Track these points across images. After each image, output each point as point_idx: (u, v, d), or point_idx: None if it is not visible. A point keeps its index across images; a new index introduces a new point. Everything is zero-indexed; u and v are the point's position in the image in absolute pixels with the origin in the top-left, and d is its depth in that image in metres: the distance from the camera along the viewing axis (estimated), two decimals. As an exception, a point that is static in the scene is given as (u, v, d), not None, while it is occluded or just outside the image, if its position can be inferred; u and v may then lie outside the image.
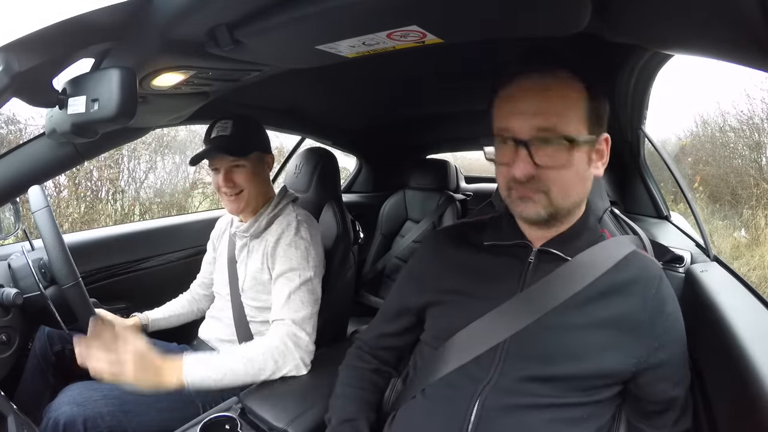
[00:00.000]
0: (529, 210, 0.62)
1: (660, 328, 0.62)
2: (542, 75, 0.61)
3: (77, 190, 3.50)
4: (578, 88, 0.61)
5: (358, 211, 1.97)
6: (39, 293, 0.95)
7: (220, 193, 1.09)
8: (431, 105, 1.71)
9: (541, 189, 0.61)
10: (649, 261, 0.68)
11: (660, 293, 0.64)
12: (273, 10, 0.53)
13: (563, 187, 0.61)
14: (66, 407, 0.84)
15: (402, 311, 0.81)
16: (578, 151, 0.60)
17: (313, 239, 1.07)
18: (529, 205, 0.62)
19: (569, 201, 0.63)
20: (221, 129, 1.07)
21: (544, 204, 0.62)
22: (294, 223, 1.06)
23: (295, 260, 1.01)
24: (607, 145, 0.65)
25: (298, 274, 1.00)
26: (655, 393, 0.64)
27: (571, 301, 0.63)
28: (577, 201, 0.65)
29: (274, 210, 1.10)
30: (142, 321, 1.19)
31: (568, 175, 0.61)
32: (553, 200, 0.61)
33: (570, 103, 0.60)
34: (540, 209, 0.62)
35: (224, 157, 1.05)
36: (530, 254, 0.68)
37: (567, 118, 0.60)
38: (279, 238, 1.04)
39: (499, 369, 0.64)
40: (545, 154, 0.59)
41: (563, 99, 0.60)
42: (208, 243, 1.30)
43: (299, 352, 0.94)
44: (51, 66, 0.56)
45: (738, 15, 0.33)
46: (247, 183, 1.06)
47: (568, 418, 0.61)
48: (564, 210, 0.64)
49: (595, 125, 0.62)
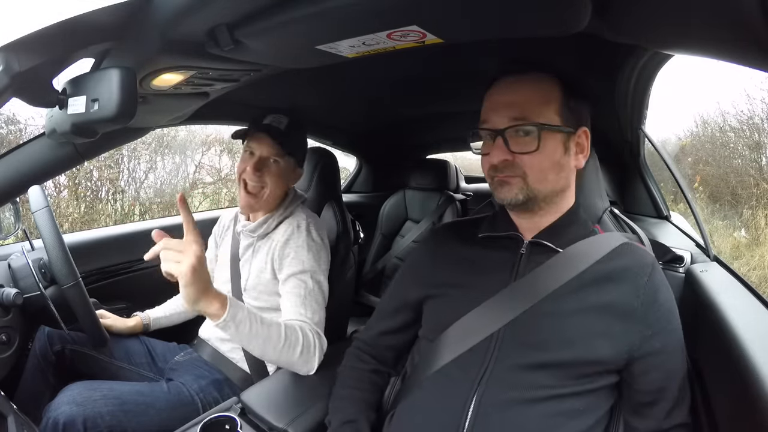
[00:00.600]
0: (506, 193, 0.67)
1: (653, 317, 0.63)
2: (517, 75, 0.68)
3: (77, 190, 3.50)
4: (551, 83, 0.67)
5: (358, 211, 1.97)
6: (39, 293, 0.95)
7: (239, 182, 1.06)
8: (431, 105, 1.71)
9: (518, 173, 0.66)
10: (641, 250, 0.69)
11: (652, 281, 0.65)
12: (273, 10, 0.53)
13: (538, 171, 0.65)
14: (65, 407, 0.84)
15: (400, 307, 0.81)
16: (551, 138, 0.65)
17: (323, 242, 1.07)
18: (505, 188, 0.67)
19: (546, 186, 0.67)
20: (276, 121, 1.05)
21: (520, 186, 0.66)
22: (304, 225, 1.06)
23: (308, 262, 1.01)
24: (587, 139, 0.70)
25: (310, 276, 1.00)
26: (647, 382, 0.64)
27: (564, 288, 0.64)
28: (556, 188, 0.68)
29: (285, 212, 1.09)
30: (144, 320, 1.19)
31: (542, 159, 0.65)
32: (529, 183, 0.66)
33: (542, 95, 0.66)
34: (517, 191, 0.66)
35: (270, 144, 1.03)
36: (522, 246, 0.71)
37: (538, 108, 0.65)
38: (288, 238, 1.04)
39: (494, 359, 0.64)
40: (519, 141, 0.65)
41: (535, 91, 0.67)
42: (209, 239, 1.29)
43: (321, 351, 0.93)
44: (51, 66, 0.56)
45: (738, 15, 0.33)
46: (272, 182, 1.05)
47: (565, 410, 0.62)
48: (541, 194, 0.67)
49: (571, 118, 0.67)
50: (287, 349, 0.87)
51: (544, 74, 0.68)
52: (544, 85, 0.67)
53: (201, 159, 4.26)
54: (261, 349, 0.85)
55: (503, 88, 0.68)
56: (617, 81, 1.04)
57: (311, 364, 0.91)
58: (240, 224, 1.14)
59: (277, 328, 0.86)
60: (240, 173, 1.06)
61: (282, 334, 0.86)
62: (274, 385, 0.91)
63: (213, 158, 4.35)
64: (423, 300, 0.78)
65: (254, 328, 0.83)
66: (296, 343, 0.88)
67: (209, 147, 4.29)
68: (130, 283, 1.40)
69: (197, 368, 1.07)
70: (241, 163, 1.06)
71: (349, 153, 2.33)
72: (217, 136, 4.28)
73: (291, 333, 0.88)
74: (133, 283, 1.41)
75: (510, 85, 0.68)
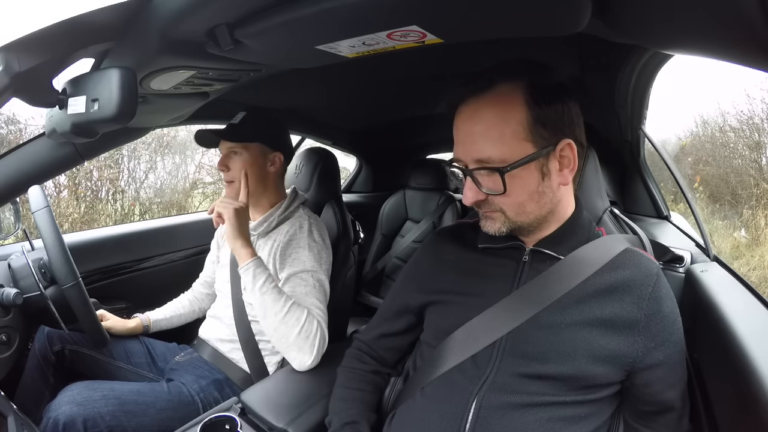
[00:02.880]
0: (489, 227, 0.66)
1: (656, 328, 0.62)
2: (477, 98, 0.61)
3: (77, 190, 3.50)
4: (516, 102, 0.59)
5: (358, 211, 1.98)
6: (39, 293, 0.95)
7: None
8: (432, 105, 1.71)
9: (496, 209, 0.64)
10: (645, 259, 0.67)
11: (656, 292, 0.63)
12: (273, 10, 0.53)
13: (515, 207, 0.64)
14: (66, 407, 0.84)
15: (401, 311, 0.81)
16: (522, 171, 0.60)
17: (324, 243, 1.08)
18: (489, 222, 0.66)
19: (528, 217, 0.65)
20: (234, 118, 1.10)
21: (502, 221, 0.65)
22: (306, 225, 1.07)
23: (309, 262, 1.02)
24: (572, 150, 0.62)
25: (311, 275, 1.01)
26: (651, 394, 0.63)
27: (565, 299, 0.63)
28: (541, 213, 0.65)
29: (286, 211, 1.11)
30: (144, 322, 1.19)
31: (515, 197, 0.62)
32: (510, 218, 0.64)
33: (504, 125, 0.59)
34: (500, 225, 0.65)
35: (224, 142, 1.08)
36: (524, 254, 0.69)
37: (501, 143, 0.59)
38: (290, 238, 1.05)
39: (495, 367, 0.64)
40: (488, 182, 0.63)
41: (495, 122, 0.60)
42: (212, 242, 1.30)
43: (320, 346, 0.94)
44: (51, 66, 0.56)
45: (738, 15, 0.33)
46: (239, 172, 1.05)
47: (566, 416, 0.61)
48: (526, 224, 0.66)
49: (547, 135, 0.60)
50: (287, 321, 0.91)
51: (507, 85, 0.60)
52: (506, 108, 0.59)
53: (201, 159, 4.26)
54: (264, 310, 0.92)
55: (464, 118, 0.63)
56: (617, 81, 1.04)
57: (306, 353, 0.92)
58: None
59: (286, 300, 0.94)
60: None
61: (287, 305, 0.92)
62: (274, 385, 0.91)
63: (213, 158, 4.35)
64: (424, 306, 0.77)
65: (267, 286, 0.93)
66: (298, 321, 0.92)
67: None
68: (130, 283, 1.40)
69: (197, 368, 1.07)
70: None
71: (349, 153, 2.33)
72: (217, 136, 4.28)
73: (296, 309, 0.93)
74: (133, 283, 1.41)
75: (470, 115, 0.62)
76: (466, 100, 0.63)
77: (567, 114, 0.62)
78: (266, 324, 0.93)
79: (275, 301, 0.92)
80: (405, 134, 2.21)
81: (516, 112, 0.59)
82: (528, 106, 0.59)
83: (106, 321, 1.12)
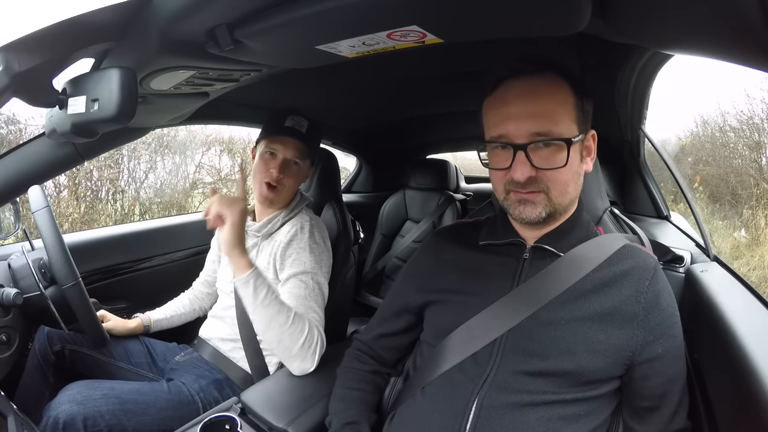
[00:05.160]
0: (528, 212, 0.64)
1: (654, 321, 0.62)
2: (531, 78, 0.64)
3: (77, 190, 3.50)
4: (565, 88, 0.64)
5: (358, 211, 1.98)
6: (39, 293, 0.95)
7: (257, 181, 1.08)
8: (431, 105, 1.71)
9: (541, 189, 0.63)
10: (643, 253, 0.68)
11: (654, 285, 0.64)
12: (273, 10, 0.53)
13: (562, 186, 0.64)
14: (66, 406, 0.84)
15: (401, 311, 0.81)
16: (573, 150, 0.63)
17: (325, 245, 1.08)
18: (528, 207, 0.64)
19: (567, 198, 0.66)
20: (297, 124, 1.08)
21: (544, 204, 0.64)
22: (307, 226, 1.06)
23: (309, 263, 1.01)
24: (594, 141, 0.68)
25: (311, 277, 1.00)
26: (650, 387, 0.64)
27: (565, 295, 0.64)
28: (573, 197, 0.68)
29: (290, 213, 1.11)
30: (144, 322, 1.19)
31: (565, 173, 0.63)
32: (552, 199, 0.64)
33: (560, 105, 0.63)
34: (540, 210, 0.64)
35: (294, 146, 1.06)
36: (524, 251, 0.70)
37: (559, 120, 0.62)
38: (291, 239, 1.04)
39: (496, 364, 0.64)
40: (543, 157, 0.62)
41: (553, 101, 0.63)
42: (212, 240, 1.29)
43: (320, 352, 0.93)
44: (51, 66, 0.56)
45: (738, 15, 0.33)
46: (292, 182, 1.08)
47: (567, 415, 0.61)
48: (562, 207, 0.66)
49: (583, 123, 0.66)
50: (291, 334, 0.88)
51: (556, 75, 0.64)
52: (560, 91, 0.63)
53: (201, 159, 4.26)
54: (266, 323, 0.88)
55: (518, 95, 0.63)
56: (617, 81, 1.04)
57: (308, 362, 0.91)
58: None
59: (288, 311, 0.90)
60: (261, 174, 1.07)
61: (291, 317, 0.89)
62: (274, 385, 0.91)
63: (213, 158, 4.36)
64: (424, 305, 0.77)
65: (269, 298, 0.88)
66: (301, 332, 0.89)
67: (209, 147, 4.29)
68: (130, 283, 1.40)
69: (198, 368, 1.07)
70: (262, 164, 1.07)
71: (349, 153, 2.33)
72: (217, 136, 4.29)
73: (298, 320, 0.90)
74: (133, 283, 1.41)
75: (527, 92, 0.62)
76: (517, 77, 0.64)
77: (590, 109, 0.68)
78: (269, 336, 0.89)
79: (278, 313, 0.88)
80: (405, 134, 2.21)
81: (569, 96, 0.64)
82: (574, 94, 0.64)
83: (107, 322, 1.12)
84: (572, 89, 0.64)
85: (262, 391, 0.89)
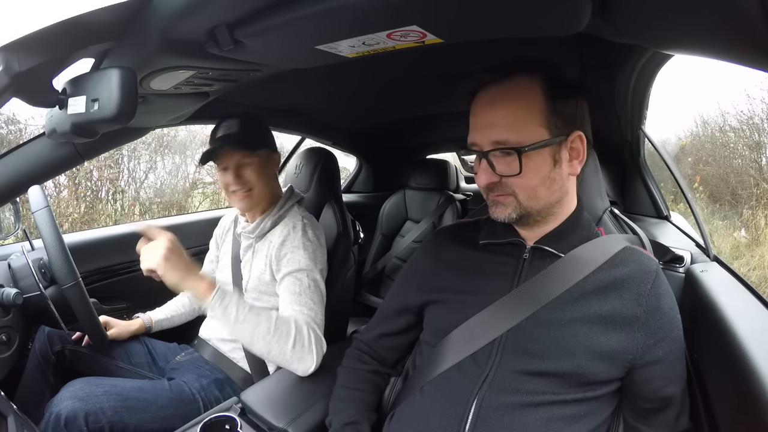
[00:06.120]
0: (499, 213, 0.67)
1: (656, 325, 0.62)
2: (498, 85, 0.65)
3: (77, 190, 3.50)
4: (533, 92, 0.63)
5: (358, 211, 1.98)
6: (39, 293, 0.95)
7: (228, 193, 1.07)
8: (431, 105, 1.71)
9: (508, 192, 0.65)
10: (645, 257, 0.68)
11: (656, 289, 0.64)
12: (273, 10, 0.53)
13: (527, 191, 0.65)
14: (68, 402, 0.84)
15: (401, 310, 0.81)
16: (536, 156, 0.63)
17: (319, 241, 1.07)
18: (499, 208, 0.67)
19: (538, 202, 0.66)
20: (227, 128, 1.06)
21: (513, 206, 0.65)
22: (300, 225, 1.05)
23: (303, 261, 1.00)
24: (582, 142, 0.66)
25: (306, 274, 0.99)
26: (651, 390, 0.64)
27: (565, 296, 0.64)
28: (550, 201, 0.67)
29: (280, 211, 1.10)
30: (146, 323, 1.19)
31: (528, 180, 0.64)
32: (521, 202, 0.65)
33: (523, 111, 0.63)
34: (510, 211, 0.66)
35: (233, 154, 1.03)
36: (524, 251, 0.70)
37: (519, 127, 0.62)
38: (284, 239, 1.03)
39: (495, 364, 0.64)
40: (502, 164, 0.64)
41: (514, 108, 0.63)
42: (210, 241, 1.30)
43: (318, 349, 0.90)
44: (51, 66, 0.56)
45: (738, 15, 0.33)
46: (256, 180, 1.05)
47: (566, 415, 0.61)
48: (535, 211, 0.66)
49: (561, 125, 0.64)
50: (278, 340, 0.85)
51: (526, 77, 0.64)
52: (524, 97, 0.63)
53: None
54: (249, 337, 0.85)
55: (484, 104, 0.66)
56: (617, 81, 1.04)
57: (307, 361, 0.88)
58: (240, 226, 1.14)
59: (267, 318, 0.86)
60: (226, 188, 1.06)
61: (272, 325, 0.86)
62: (274, 385, 0.91)
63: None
64: (424, 305, 0.77)
65: (242, 313, 0.84)
66: (287, 335, 0.87)
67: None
68: (130, 283, 1.40)
69: (198, 368, 1.07)
70: (222, 179, 1.07)
71: (349, 153, 2.34)
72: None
73: (282, 324, 0.88)
74: (133, 283, 1.41)
75: (490, 101, 0.65)
76: (485, 87, 0.66)
77: (579, 109, 0.66)
78: (257, 349, 0.86)
79: (257, 325, 0.85)
80: (405, 134, 2.21)
81: (534, 100, 0.63)
82: (545, 96, 0.63)
83: (111, 329, 1.11)
84: (544, 92, 0.63)
85: (262, 391, 0.89)
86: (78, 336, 1.08)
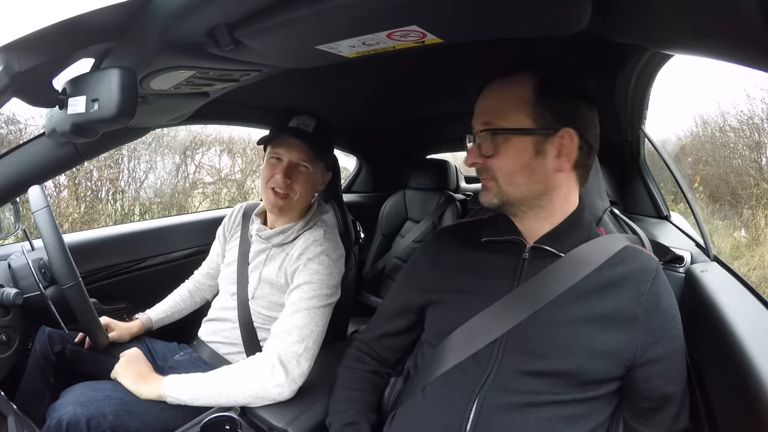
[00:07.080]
0: (483, 197, 0.70)
1: (656, 323, 0.62)
2: (498, 80, 0.69)
3: (77, 190, 3.50)
4: (526, 86, 0.66)
5: (358, 211, 1.98)
6: (39, 293, 0.94)
7: (265, 187, 1.02)
8: (431, 105, 1.71)
9: (491, 176, 0.67)
10: (644, 255, 0.68)
11: (656, 287, 0.64)
12: (273, 10, 0.53)
13: (506, 175, 0.66)
14: (69, 407, 0.84)
15: (402, 311, 0.81)
16: (517, 141, 0.65)
17: (338, 260, 1.03)
18: (484, 192, 0.70)
19: (517, 189, 0.67)
20: (303, 123, 1.01)
21: (495, 191, 0.67)
22: (320, 239, 1.02)
23: (316, 277, 0.96)
24: (572, 141, 0.65)
25: (314, 288, 0.95)
26: (651, 389, 0.64)
27: (565, 296, 0.64)
28: (531, 191, 0.67)
29: (306, 225, 1.06)
30: (146, 324, 1.19)
31: (507, 163, 0.66)
32: (501, 187, 0.67)
33: (511, 100, 0.67)
34: (492, 196, 0.68)
35: (298, 151, 0.99)
36: (524, 251, 0.70)
37: (507, 114, 0.66)
38: (302, 252, 1.00)
39: (496, 364, 0.64)
40: (486, 145, 0.67)
41: (505, 97, 0.68)
42: (218, 231, 1.26)
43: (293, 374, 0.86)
44: (51, 66, 0.56)
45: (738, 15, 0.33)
46: (302, 189, 1.01)
47: (566, 415, 0.62)
48: (513, 197, 0.67)
49: (549, 118, 0.65)
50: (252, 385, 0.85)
51: (523, 75, 0.67)
52: (516, 88, 0.66)
53: (201, 159, 4.26)
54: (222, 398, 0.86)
55: (483, 95, 0.71)
56: (617, 81, 1.04)
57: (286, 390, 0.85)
58: (255, 227, 1.10)
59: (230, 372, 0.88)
60: (266, 180, 1.01)
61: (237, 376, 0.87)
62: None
63: (213, 158, 4.36)
64: (425, 305, 0.77)
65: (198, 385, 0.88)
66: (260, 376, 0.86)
67: (209, 147, 4.29)
68: (130, 283, 1.40)
69: (198, 368, 1.07)
70: (268, 170, 1.01)
71: (349, 153, 2.34)
72: (217, 136, 4.29)
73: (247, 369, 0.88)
74: (133, 283, 1.41)
75: (490, 92, 0.70)
76: (490, 83, 0.70)
77: (574, 109, 0.67)
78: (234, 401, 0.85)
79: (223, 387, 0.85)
80: (405, 134, 2.21)
81: (524, 91, 0.66)
82: (535, 89, 0.65)
83: (112, 332, 1.10)
84: (535, 85, 0.65)
85: (262, 391, 0.89)
86: (81, 338, 1.08)
